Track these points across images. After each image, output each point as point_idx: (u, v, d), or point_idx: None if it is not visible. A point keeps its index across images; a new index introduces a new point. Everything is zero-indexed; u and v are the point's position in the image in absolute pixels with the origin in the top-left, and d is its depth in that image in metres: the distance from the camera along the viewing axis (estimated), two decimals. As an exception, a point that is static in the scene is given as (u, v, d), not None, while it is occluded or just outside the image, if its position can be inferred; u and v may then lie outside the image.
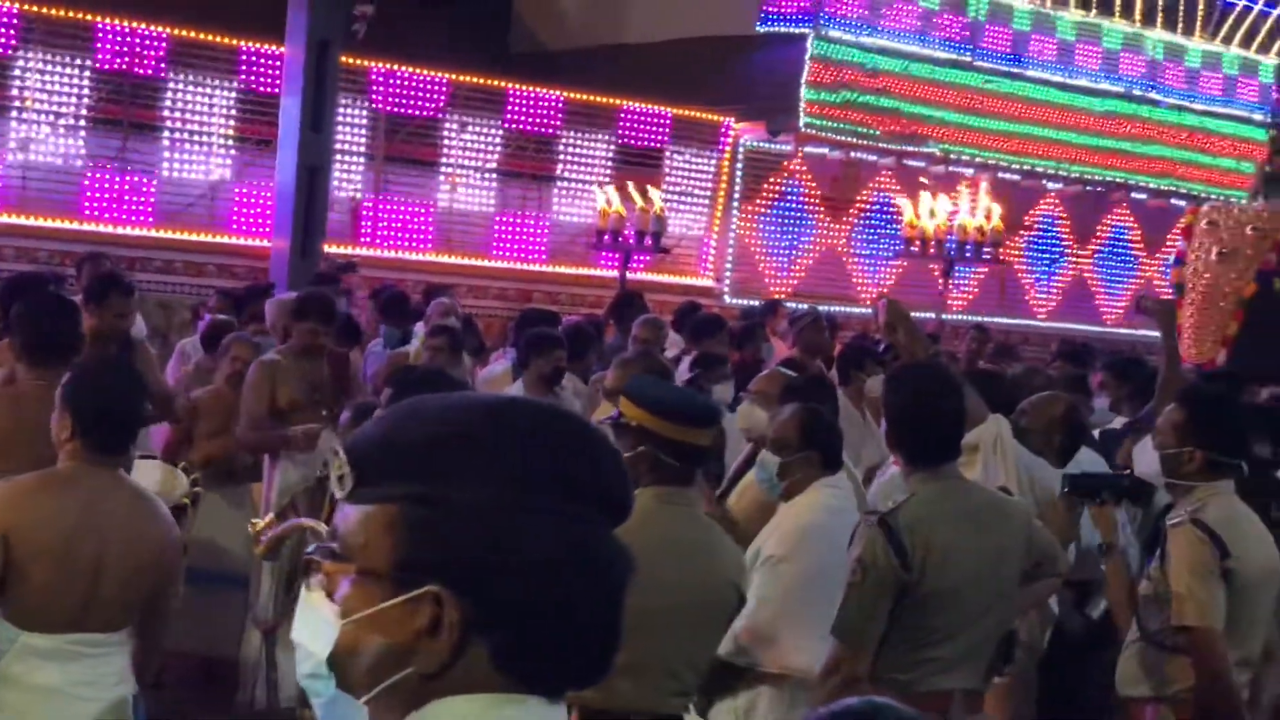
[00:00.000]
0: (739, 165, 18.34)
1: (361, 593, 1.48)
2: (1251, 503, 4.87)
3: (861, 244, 19.41)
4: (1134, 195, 21.92)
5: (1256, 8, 22.74)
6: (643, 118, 17.66)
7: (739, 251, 18.38)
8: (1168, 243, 21.34)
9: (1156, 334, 9.53)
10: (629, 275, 14.95)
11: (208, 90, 14.82)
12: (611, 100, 17.46)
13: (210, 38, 14.75)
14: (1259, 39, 22.89)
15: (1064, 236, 21.58)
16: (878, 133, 19.20)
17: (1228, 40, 22.83)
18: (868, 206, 19.40)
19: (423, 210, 16.30)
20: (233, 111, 14.95)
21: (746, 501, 5.30)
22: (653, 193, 15.29)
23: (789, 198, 18.84)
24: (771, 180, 18.68)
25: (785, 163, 18.78)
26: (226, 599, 7.51)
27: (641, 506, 4.24)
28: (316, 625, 1.50)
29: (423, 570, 1.45)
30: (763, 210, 18.64)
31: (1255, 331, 13.37)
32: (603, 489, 1.51)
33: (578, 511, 1.48)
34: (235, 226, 14.88)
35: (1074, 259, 21.48)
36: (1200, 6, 22.48)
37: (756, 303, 15.94)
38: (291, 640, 1.56)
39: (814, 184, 19.01)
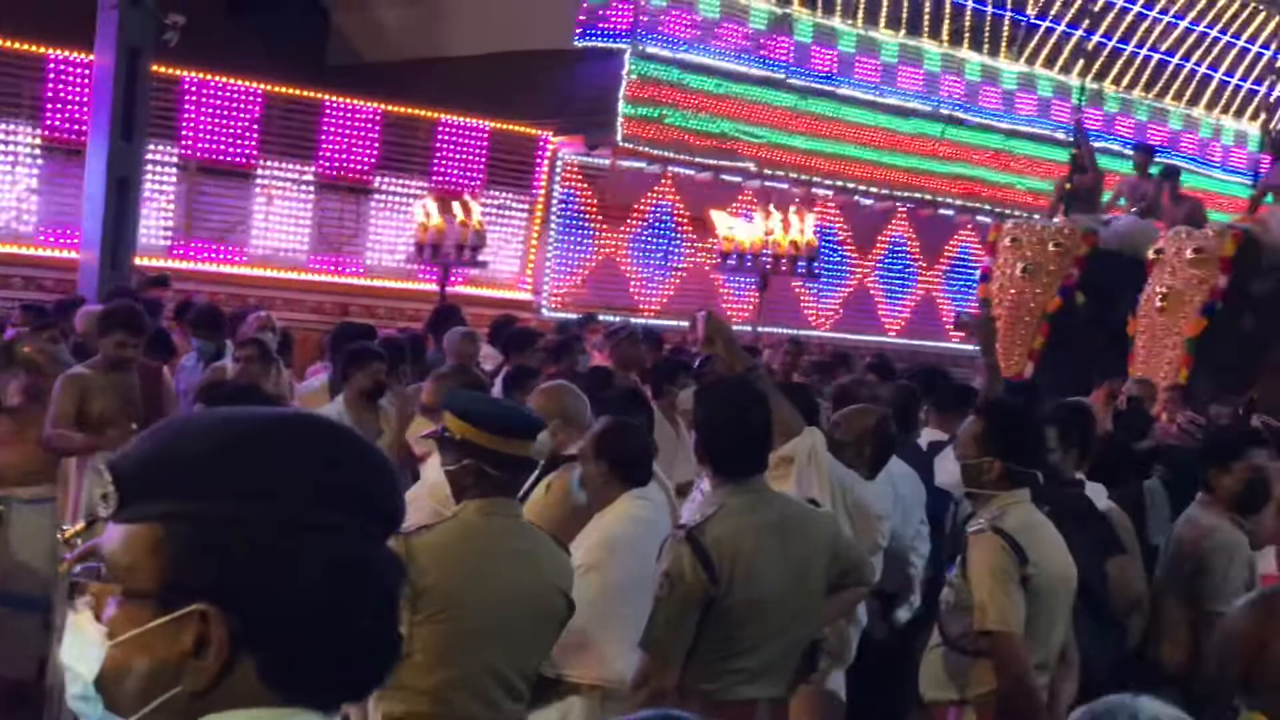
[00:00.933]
0: (557, 179, 18.40)
1: (128, 613, 1.46)
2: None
3: (679, 257, 19.59)
4: (941, 211, 22.44)
5: (1059, 28, 23.46)
6: (461, 131, 17.63)
7: (557, 265, 18.44)
8: (944, 254, 21.96)
9: (968, 348, 9.77)
10: (448, 288, 14.91)
11: (14, 98, 14.47)
12: (430, 113, 17.41)
13: (17, 45, 14.40)
14: (1062, 59, 23.63)
15: (913, 256, 22.10)
16: (696, 145, 19.40)
17: (1031, 61, 23.52)
18: (685, 220, 19.58)
19: (238, 221, 16.07)
20: (40, 120, 14.61)
21: (555, 510, 5.30)
22: (471, 206, 15.27)
23: (609, 211, 18.95)
24: (590, 194, 18.77)
25: (604, 176, 18.89)
26: (26, 620, 7.33)
27: (467, 520, 4.32)
28: (83, 647, 1.49)
29: (188, 589, 1.44)
30: (581, 224, 18.72)
31: (1057, 344, 13.75)
32: (373, 501, 1.51)
33: (348, 524, 1.48)
34: (43, 238, 14.54)
35: (859, 271, 21.85)
36: (1005, 26, 23.12)
37: (574, 316, 15.99)
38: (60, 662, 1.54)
39: (635, 198, 19.14)
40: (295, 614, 1.44)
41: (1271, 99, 25.67)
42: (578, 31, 19.02)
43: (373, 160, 17.00)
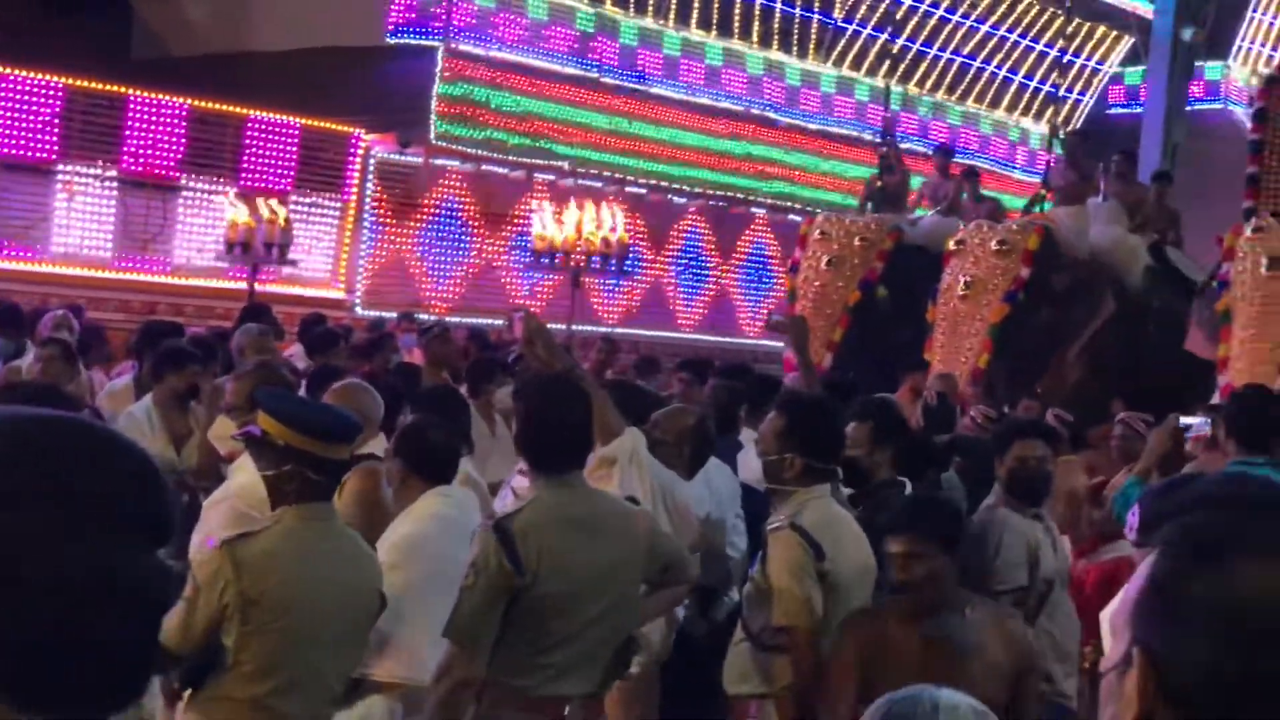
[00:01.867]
0: (370, 176, 18.27)
1: None
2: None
3: (496, 256, 19.58)
4: (755, 210, 22.75)
5: (865, 32, 23.93)
6: (271, 128, 17.40)
7: (370, 263, 18.31)
8: (740, 250, 22.30)
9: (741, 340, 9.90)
10: (258, 287, 14.71)
11: None
12: (239, 109, 17.15)
13: None
14: (868, 62, 24.11)
15: (705, 250, 22.30)
16: (509, 143, 19.41)
17: (838, 63, 23.97)
18: (501, 219, 19.57)
19: (39, 218, 15.68)
20: None
21: (354, 508, 5.28)
22: (278, 204, 15.07)
23: (421, 209, 18.86)
24: (402, 191, 18.67)
25: (416, 174, 18.80)
26: None
27: (290, 526, 4.29)
28: None
29: None
30: (394, 222, 18.60)
31: (857, 337, 14.00)
32: (134, 509, 1.47)
33: (101, 532, 1.43)
34: None
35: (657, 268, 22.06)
36: (813, 29, 23.52)
37: (388, 314, 15.89)
38: None
39: (448, 195, 19.08)
40: (39, 624, 1.39)
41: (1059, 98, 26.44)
42: (389, 28, 18.91)
43: (179, 157, 16.69)
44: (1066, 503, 7.33)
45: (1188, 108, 22.19)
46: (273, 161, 17.38)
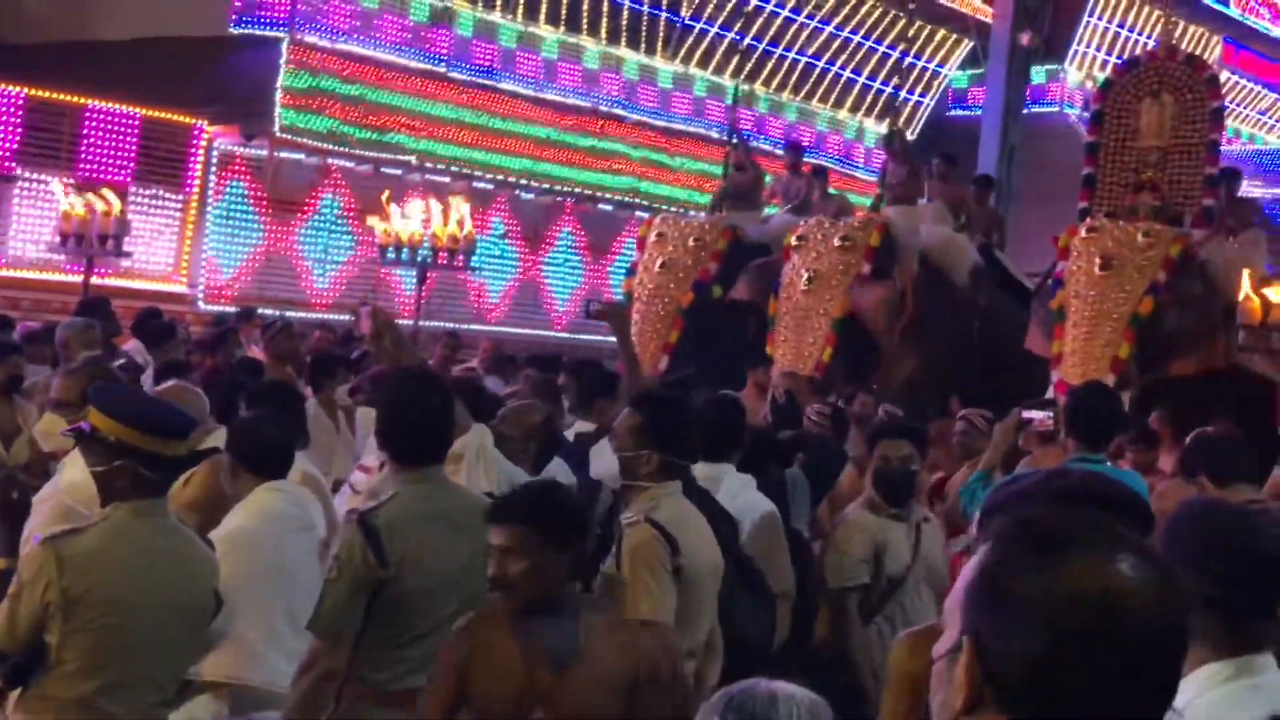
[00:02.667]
0: (213, 169, 18.00)
1: None
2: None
3: (343, 250, 19.40)
4: (601, 206, 22.83)
5: (713, 30, 24.12)
6: (110, 118, 17.06)
7: (213, 257, 18.04)
8: (612, 250, 22.38)
9: (611, 339, 9.97)
10: (99, 281, 14.42)
11: None
12: (77, 99, 16.79)
13: None
14: (715, 59, 24.30)
15: (579, 251, 22.34)
16: (354, 136, 19.25)
17: (686, 61, 24.12)
18: (347, 213, 19.41)
19: None
20: None
21: (188, 505, 5.22)
22: (114, 196, 14.76)
23: (266, 202, 18.63)
24: (247, 184, 18.43)
25: (260, 166, 18.57)
26: None
27: (119, 522, 4.23)
28: None
29: None
30: (238, 215, 18.35)
31: (693, 337, 14.07)
32: None
33: None
34: None
35: (526, 265, 22.08)
36: (661, 27, 23.65)
37: (231, 309, 15.68)
38: None
39: (294, 188, 18.87)
40: None
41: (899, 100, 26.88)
42: (233, 18, 18.64)
43: (14, 147, 16.30)
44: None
45: (1025, 110, 22.68)
46: (112, 153, 17.05)
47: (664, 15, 23.66)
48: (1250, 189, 19.22)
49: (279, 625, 4.79)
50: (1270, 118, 36.35)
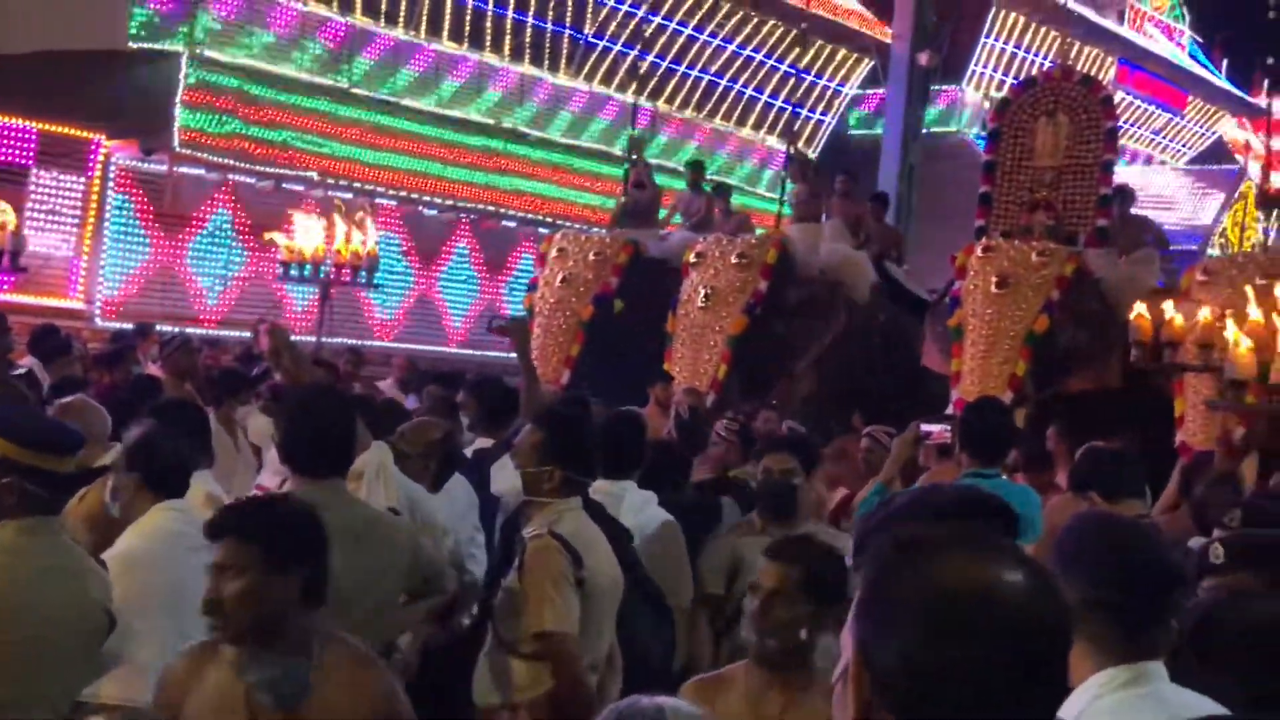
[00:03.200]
0: (110, 184, 17.79)
1: None
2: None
3: (243, 266, 19.25)
4: (502, 223, 22.81)
5: (616, 48, 24.19)
6: (6, 132, 16.83)
7: (111, 273, 17.83)
8: (509, 266, 22.37)
9: (510, 354, 9.96)
10: (-9, 296, 14.21)
11: None
12: (-30, 113, 16.57)
13: None
14: (619, 77, 24.37)
15: (476, 267, 22.29)
16: (257, 152, 19.12)
17: (589, 77, 24.18)
18: (250, 229, 19.25)
19: None
20: None
21: (84, 524, 5.16)
22: (9, 210, 14.52)
23: (166, 219, 18.45)
24: (146, 200, 18.24)
25: (159, 181, 18.38)
26: None
27: (7, 541, 4.16)
28: None
29: None
30: (137, 231, 18.15)
31: (594, 351, 14.10)
32: None
33: None
34: None
35: (422, 282, 22.02)
36: (564, 44, 23.70)
37: (129, 326, 15.49)
38: None
39: (194, 204, 18.70)
40: None
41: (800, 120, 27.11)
42: (132, 33, 18.45)
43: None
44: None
45: (925, 130, 22.94)
46: (7, 167, 16.80)
47: (568, 33, 23.71)
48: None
49: (172, 646, 4.75)
50: (1164, 138, 37.05)
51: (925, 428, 7.23)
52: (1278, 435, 10.54)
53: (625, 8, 24.31)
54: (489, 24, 22.50)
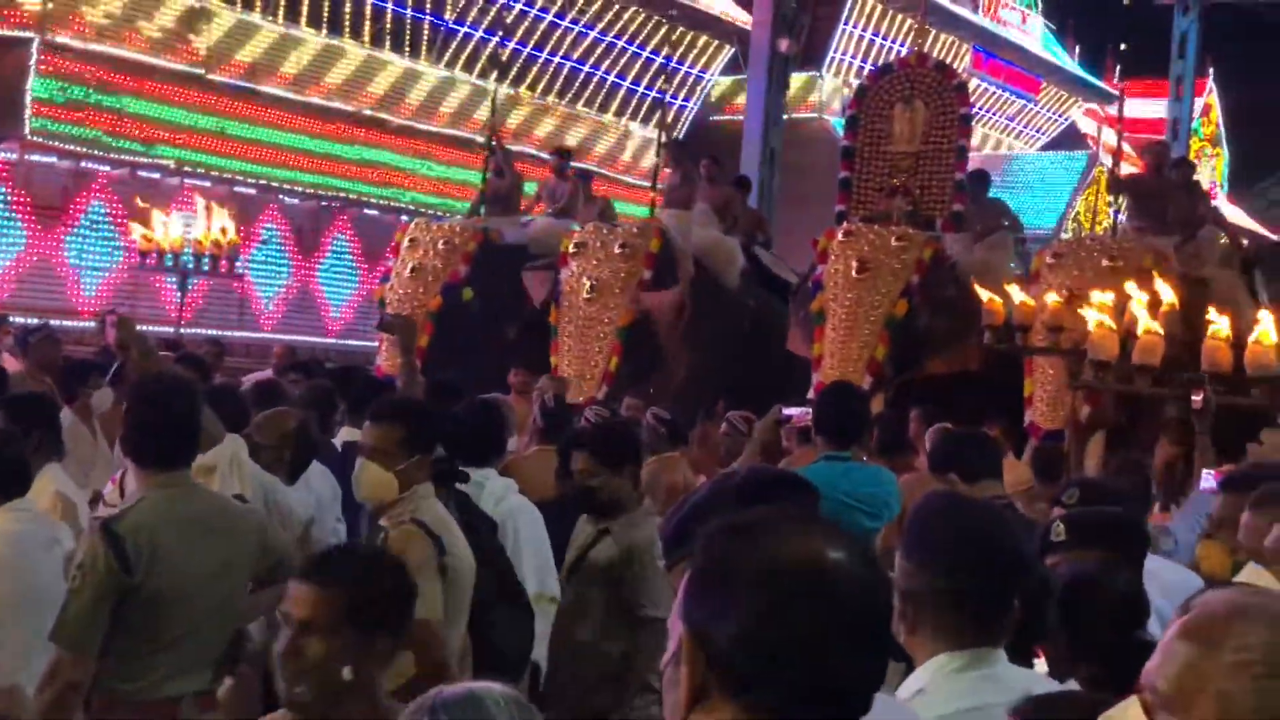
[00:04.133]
0: (-41, 173, 17.39)
1: None
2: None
3: (103, 256, 18.90)
4: (365, 211, 22.63)
5: (476, 34, 24.08)
6: None
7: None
8: (388, 255, 22.21)
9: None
10: None
11: None
12: None
13: None
14: (480, 64, 24.26)
15: (355, 258, 22.06)
16: (110, 140, 18.78)
17: (449, 65, 24.05)
18: (109, 218, 18.91)
19: None
20: None
21: None
22: None
23: (21, 208, 18.08)
24: (2, 189, 17.85)
25: (12, 170, 18.00)
26: None
27: None
28: None
29: None
30: (-14, 221, 17.77)
31: (444, 341, 14.06)
32: None
33: None
34: None
35: (300, 272, 21.82)
36: (425, 30, 23.55)
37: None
38: None
39: (31, 193, 18.32)
40: None
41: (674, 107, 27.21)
42: (-20, 20, 18.04)
43: None
44: (666, 499, 7.58)
45: (785, 116, 23.13)
46: None
47: (427, 19, 23.56)
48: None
49: (31, 647, 4.68)
50: (1018, 123, 37.71)
51: (787, 411, 7.32)
52: (1125, 414, 10.86)
53: (486, -7, 24.24)
54: (348, 9, 22.28)
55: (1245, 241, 14.98)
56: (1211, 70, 38.23)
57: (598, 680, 5.41)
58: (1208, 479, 8.03)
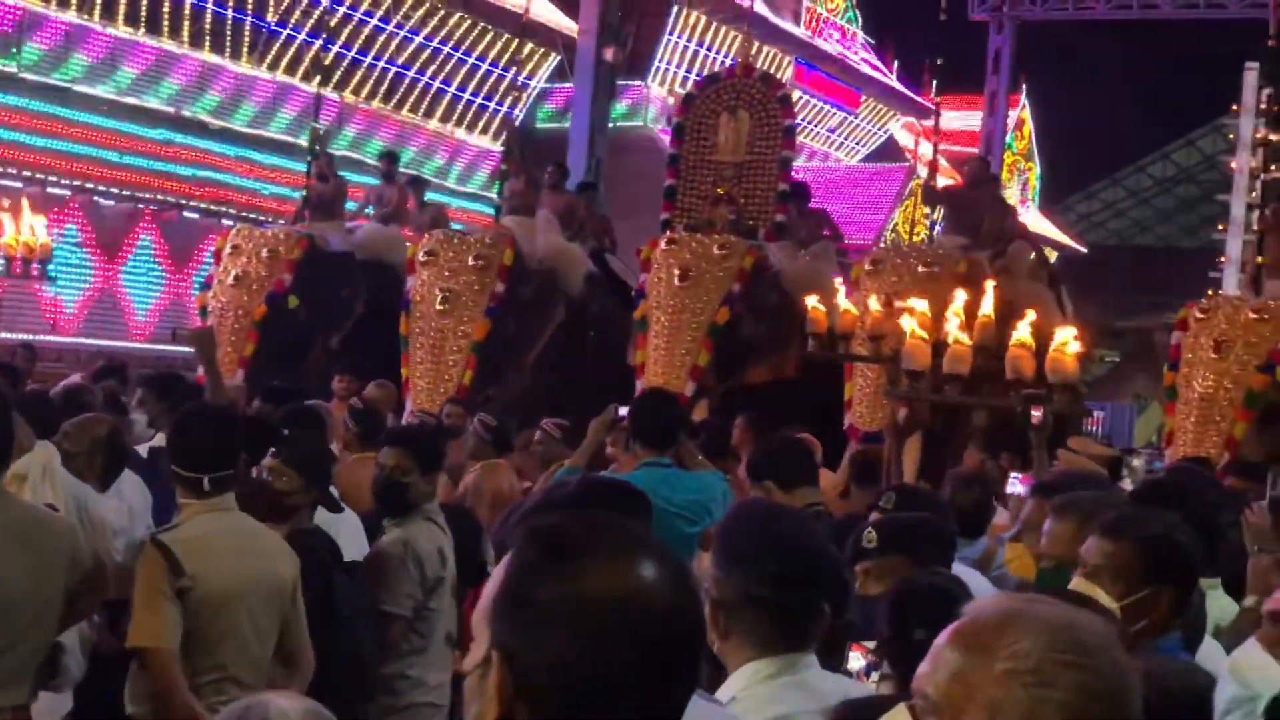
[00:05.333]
0: None
1: None
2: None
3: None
4: (185, 215, 22.20)
5: (300, 37, 23.78)
6: None
7: None
8: (196, 259, 21.82)
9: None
10: None
11: None
12: None
13: None
14: (303, 68, 23.95)
15: (161, 260, 21.58)
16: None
17: (273, 69, 23.71)
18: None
19: None
20: None
21: None
22: None
23: None
24: None
25: None
26: None
27: None
28: None
29: None
30: None
31: (270, 349, 13.89)
32: None
33: None
34: None
35: (103, 275, 21.32)
36: (246, 31, 23.18)
37: None
38: None
39: None
40: None
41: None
42: None
43: None
44: (492, 505, 7.59)
45: (611, 124, 23.20)
46: None
47: (249, 20, 23.20)
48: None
49: None
50: (839, 135, 38.34)
51: (624, 410, 7.34)
52: (941, 419, 11.12)
53: (309, -4, 23.94)
54: (168, 9, 21.83)
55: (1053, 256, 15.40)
56: (1024, 86, 39.26)
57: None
58: (1013, 483, 8.26)
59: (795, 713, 2.86)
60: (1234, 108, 35.36)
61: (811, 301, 8.73)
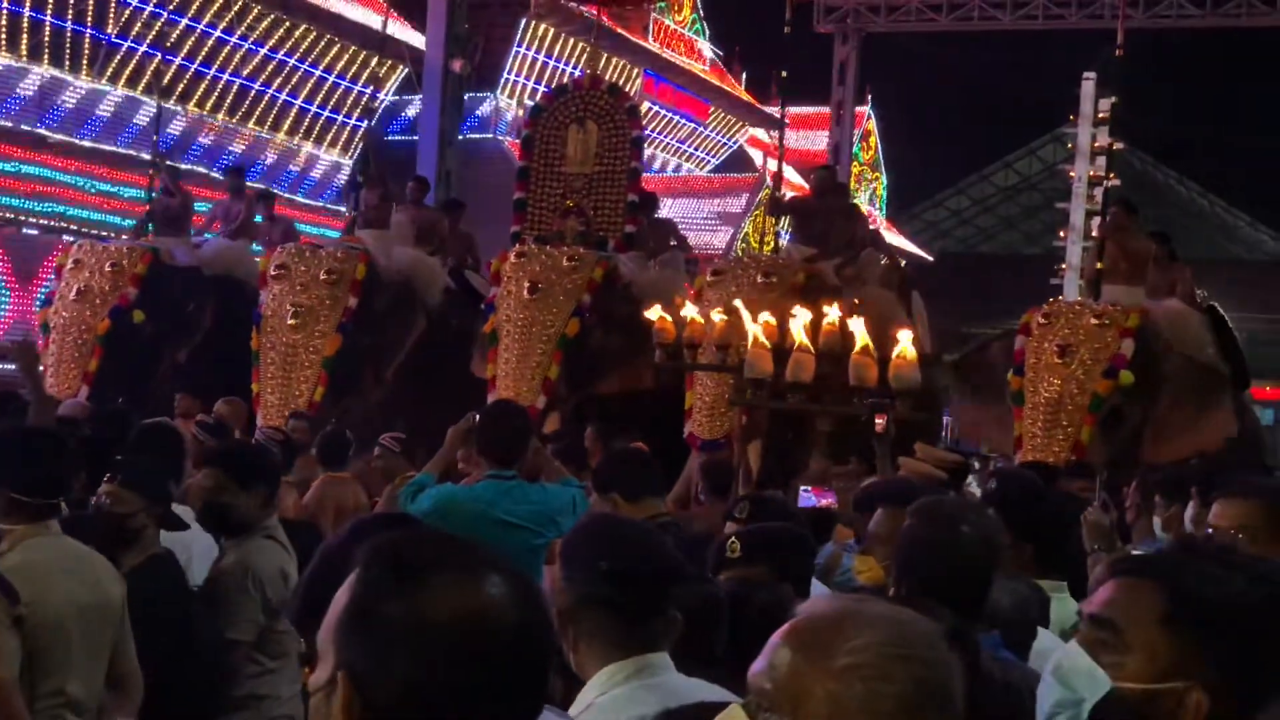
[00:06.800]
0: None
1: None
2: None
3: None
4: (26, 231, 21.75)
5: (141, 49, 23.41)
6: None
7: None
8: (41, 276, 21.39)
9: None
10: None
11: None
12: None
13: None
14: (145, 80, 23.58)
15: (5, 279, 21.07)
16: None
17: (114, 81, 23.31)
18: None
19: None
20: None
21: None
22: None
23: None
24: None
25: None
26: None
27: None
28: None
29: None
30: None
31: (113, 365, 13.67)
32: None
33: None
34: None
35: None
36: (86, 45, 22.78)
37: None
38: None
39: None
40: None
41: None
42: None
43: None
44: (336, 518, 7.58)
45: (461, 136, 23.16)
46: None
47: (88, 32, 22.78)
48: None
49: None
50: (689, 146, 38.62)
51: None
52: (789, 427, 11.26)
53: (150, 8, 23.54)
54: (4, 21, 21.37)
55: (903, 263, 15.62)
56: (870, 97, 39.86)
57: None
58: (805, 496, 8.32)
59: (648, 716, 2.89)
60: (1072, 117, 36.27)
61: (657, 312, 8.78)
